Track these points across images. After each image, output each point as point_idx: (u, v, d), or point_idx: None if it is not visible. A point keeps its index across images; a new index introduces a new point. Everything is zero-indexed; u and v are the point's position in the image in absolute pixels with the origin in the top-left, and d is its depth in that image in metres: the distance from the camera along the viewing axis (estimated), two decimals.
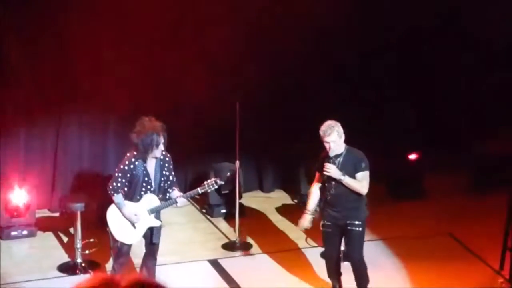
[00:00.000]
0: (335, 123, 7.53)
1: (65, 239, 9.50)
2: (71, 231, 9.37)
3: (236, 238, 9.36)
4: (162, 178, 7.64)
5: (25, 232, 9.43)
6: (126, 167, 7.52)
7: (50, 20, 9.77)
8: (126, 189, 7.59)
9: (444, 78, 11.55)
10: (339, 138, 7.50)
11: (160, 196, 7.67)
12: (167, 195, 7.72)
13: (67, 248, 9.20)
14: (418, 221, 10.00)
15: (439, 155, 10.93)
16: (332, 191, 7.61)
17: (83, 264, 8.76)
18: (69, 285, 2.18)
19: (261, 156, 11.08)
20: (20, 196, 9.39)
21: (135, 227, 7.66)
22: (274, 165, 11.20)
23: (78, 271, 8.70)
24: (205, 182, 7.75)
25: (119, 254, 7.72)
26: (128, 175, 7.53)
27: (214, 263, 8.97)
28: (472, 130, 11.35)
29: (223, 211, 10.24)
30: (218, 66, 10.40)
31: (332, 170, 7.49)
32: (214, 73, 10.37)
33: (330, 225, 7.71)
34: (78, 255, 8.76)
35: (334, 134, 7.46)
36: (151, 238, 7.75)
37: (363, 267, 7.78)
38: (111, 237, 7.69)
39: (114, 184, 7.54)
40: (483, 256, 8.96)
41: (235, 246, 9.34)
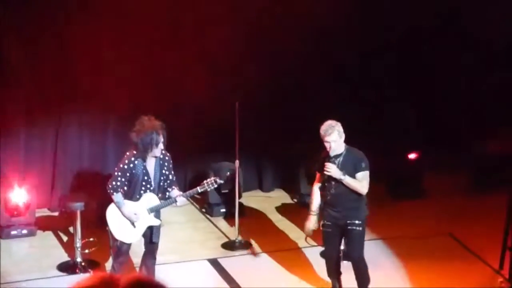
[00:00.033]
0: (336, 122, 7.51)
1: (64, 238, 9.51)
2: (70, 230, 9.38)
3: (236, 237, 9.37)
4: (162, 177, 7.63)
5: (25, 231, 9.43)
6: (126, 166, 7.51)
7: (50, 20, 9.77)
8: (126, 188, 7.58)
9: (444, 78, 11.55)
10: (339, 137, 7.48)
11: (159, 195, 7.66)
12: (166, 194, 7.70)
13: (66, 247, 9.20)
14: (418, 220, 10.00)
15: (439, 155, 10.94)
16: (332, 191, 7.59)
17: (82, 263, 8.76)
18: (68, 284, 2.17)
19: (260, 156, 11.08)
20: (20, 195, 9.40)
21: (134, 226, 7.64)
22: (274, 164, 11.20)
23: (77, 270, 8.70)
24: (204, 181, 7.75)
25: (119, 253, 7.71)
26: (128, 174, 7.52)
27: (214, 262, 8.96)
28: (472, 130, 11.35)
29: (223, 211, 10.24)
30: (218, 66, 10.40)
31: (332, 170, 7.47)
32: (214, 73, 10.38)
33: (330, 225, 7.70)
34: (77, 254, 8.75)
35: (335, 134, 7.44)
36: (151, 237, 7.73)
37: (364, 267, 7.76)
38: (111, 236, 7.68)
39: (114, 183, 7.53)
40: (482, 256, 8.95)
41: (234, 246, 9.34)
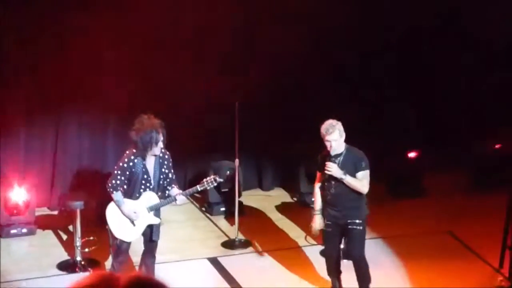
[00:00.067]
0: (337, 122, 7.50)
1: (64, 237, 9.50)
2: (70, 229, 9.38)
3: (236, 236, 9.37)
4: (161, 176, 7.62)
5: (24, 230, 9.43)
6: (125, 165, 7.50)
7: (50, 20, 9.77)
8: (125, 186, 7.57)
9: (444, 78, 11.56)
10: (340, 137, 7.47)
11: (159, 193, 7.64)
12: (166, 192, 7.69)
13: (66, 246, 9.20)
14: (418, 219, 9.99)
15: (439, 154, 10.94)
16: (332, 190, 7.57)
17: (82, 262, 8.75)
18: (68, 283, 2.17)
19: (260, 155, 11.08)
20: (19, 194, 9.40)
21: (134, 225, 7.63)
22: (274, 163, 11.20)
23: (77, 269, 8.69)
24: (204, 180, 7.74)
25: (119, 252, 7.70)
26: (127, 173, 7.51)
27: (214, 261, 8.95)
28: (472, 130, 11.35)
29: (223, 209, 10.24)
30: (218, 66, 10.40)
31: (333, 169, 7.46)
32: (214, 73, 10.38)
33: (331, 224, 7.68)
34: (77, 253, 8.75)
35: (336, 133, 7.43)
36: (151, 235, 7.72)
37: (365, 266, 7.74)
38: (111, 235, 7.67)
39: (113, 181, 7.52)
40: (482, 254, 8.95)
41: (234, 244, 9.34)
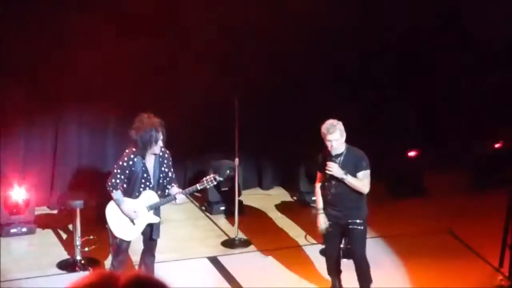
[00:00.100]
0: (337, 121, 7.48)
1: (64, 236, 9.50)
2: (70, 228, 9.37)
3: (236, 235, 9.36)
4: (161, 175, 7.61)
5: (24, 229, 9.43)
6: (125, 164, 7.49)
7: (50, 20, 9.77)
8: (125, 185, 7.56)
9: (444, 78, 11.56)
10: (341, 136, 7.46)
11: (159, 192, 7.63)
12: (166, 191, 7.68)
13: (66, 245, 9.19)
14: (418, 219, 9.99)
15: (439, 154, 10.94)
16: (333, 190, 7.56)
17: (82, 261, 8.74)
18: (68, 282, 2.17)
19: (260, 154, 11.08)
20: (19, 193, 9.40)
21: (134, 224, 7.62)
22: (273, 162, 11.20)
23: (77, 268, 8.68)
24: (204, 179, 7.74)
25: (118, 251, 7.69)
26: (127, 172, 7.50)
27: (214, 260, 8.94)
28: (472, 130, 11.35)
29: (222, 208, 10.24)
30: (218, 66, 10.41)
31: (334, 169, 7.44)
32: (214, 72, 10.38)
33: (331, 224, 7.67)
34: (77, 252, 8.74)
35: (337, 133, 7.42)
36: (151, 234, 7.71)
37: (366, 266, 7.73)
38: (110, 234, 7.66)
39: (113, 180, 7.51)
40: (482, 254, 8.94)
41: (234, 244, 9.33)
